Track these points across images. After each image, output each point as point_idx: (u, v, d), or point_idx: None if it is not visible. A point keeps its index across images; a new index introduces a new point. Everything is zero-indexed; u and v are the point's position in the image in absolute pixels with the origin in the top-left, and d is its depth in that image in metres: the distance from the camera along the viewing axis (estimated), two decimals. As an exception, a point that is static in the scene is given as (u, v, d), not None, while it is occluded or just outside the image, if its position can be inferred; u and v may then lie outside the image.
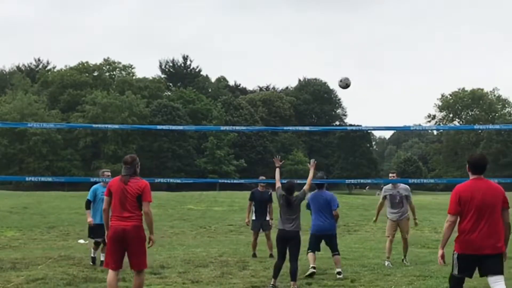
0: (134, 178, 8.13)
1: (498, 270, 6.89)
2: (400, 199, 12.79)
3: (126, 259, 8.14)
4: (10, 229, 24.56)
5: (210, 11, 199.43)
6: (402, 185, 12.99)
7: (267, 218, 14.56)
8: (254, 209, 14.71)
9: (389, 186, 13.07)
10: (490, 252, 6.87)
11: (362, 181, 13.62)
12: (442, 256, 7.14)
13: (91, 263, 12.53)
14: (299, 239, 10.22)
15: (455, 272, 7.06)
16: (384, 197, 13.02)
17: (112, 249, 8.08)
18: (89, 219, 12.59)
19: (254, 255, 14.24)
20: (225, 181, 14.30)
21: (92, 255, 12.70)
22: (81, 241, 20.70)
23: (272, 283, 10.00)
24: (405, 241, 12.98)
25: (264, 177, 15.52)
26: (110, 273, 8.11)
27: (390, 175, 13.66)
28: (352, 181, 13.84)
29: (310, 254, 11.44)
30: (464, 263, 6.99)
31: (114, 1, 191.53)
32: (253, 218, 14.74)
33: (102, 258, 12.06)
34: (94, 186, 12.82)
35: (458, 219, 7.02)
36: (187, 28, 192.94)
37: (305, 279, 10.65)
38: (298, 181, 11.26)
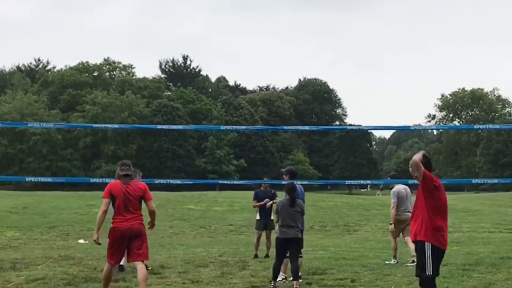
0: (132, 180, 8.77)
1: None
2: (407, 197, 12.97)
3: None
4: (10, 229, 24.61)
5: (210, 11, 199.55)
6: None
7: (272, 218, 14.42)
8: (258, 209, 14.66)
9: (401, 189, 12.96)
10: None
11: (362, 182, 13.61)
12: None
13: (119, 271, 11.31)
14: (301, 240, 10.22)
15: (431, 272, 7.02)
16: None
17: (116, 248, 8.68)
18: None
19: (256, 256, 14.21)
20: (225, 182, 14.29)
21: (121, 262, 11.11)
22: (81, 241, 20.74)
23: (272, 285, 9.97)
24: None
25: (267, 178, 15.37)
26: (108, 266, 8.79)
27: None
28: (352, 182, 13.90)
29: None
30: (437, 260, 7.07)
31: (114, 1, 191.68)
32: (257, 218, 14.68)
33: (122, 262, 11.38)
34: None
35: (430, 216, 7.05)
36: (187, 28, 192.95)
37: (305, 280, 10.61)
38: (298, 182, 11.24)
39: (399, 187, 12.91)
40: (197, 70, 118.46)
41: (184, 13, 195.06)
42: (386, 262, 12.78)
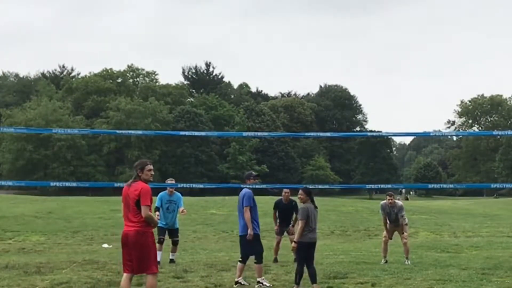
0: (136, 182, 8.10)
1: None
2: (395, 216, 14.20)
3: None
4: (35, 233, 24.89)
5: (232, 18, 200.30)
6: (398, 204, 14.22)
7: (290, 226, 14.59)
8: (278, 216, 14.81)
9: (386, 205, 14.23)
10: None
11: (382, 186, 13.63)
12: None
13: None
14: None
15: None
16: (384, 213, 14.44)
17: (122, 253, 8.19)
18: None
19: (276, 260, 14.36)
20: (247, 186, 14.33)
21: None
22: (105, 245, 20.92)
23: (295, 289, 10.04)
24: (405, 244, 14.26)
25: (288, 191, 15.05)
26: (123, 276, 8.23)
27: (388, 198, 14.28)
28: (373, 186, 13.92)
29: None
30: None
31: (136, 8, 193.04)
32: (278, 223, 14.86)
33: (171, 257, 13.97)
34: (160, 194, 13.91)
35: None
36: (209, 34, 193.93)
37: (326, 283, 10.71)
38: (320, 186, 11.36)
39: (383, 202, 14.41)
40: (219, 76, 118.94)
41: (206, 20, 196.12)
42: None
